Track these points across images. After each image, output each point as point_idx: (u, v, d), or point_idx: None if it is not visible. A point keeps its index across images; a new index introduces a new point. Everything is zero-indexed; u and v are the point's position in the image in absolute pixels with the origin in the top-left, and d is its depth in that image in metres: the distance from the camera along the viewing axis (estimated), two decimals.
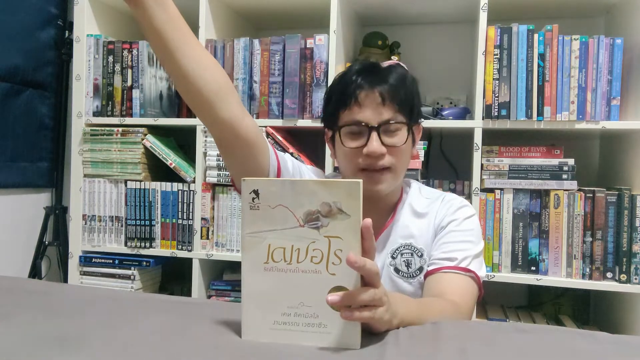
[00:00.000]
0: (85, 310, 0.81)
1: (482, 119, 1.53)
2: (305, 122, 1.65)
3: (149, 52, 1.78)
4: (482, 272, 1.04)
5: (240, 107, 0.92)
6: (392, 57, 1.79)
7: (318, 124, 1.64)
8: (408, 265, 1.05)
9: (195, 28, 1.72)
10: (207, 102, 0.88)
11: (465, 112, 1.67)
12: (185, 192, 1.73)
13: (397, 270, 1.06)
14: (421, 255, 1.05)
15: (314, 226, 0.64)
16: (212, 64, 0.88)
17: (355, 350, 0.64)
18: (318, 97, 1.62)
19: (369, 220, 0.64)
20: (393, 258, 1.06)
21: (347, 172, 1.05)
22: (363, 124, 0.99)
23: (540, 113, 1.51)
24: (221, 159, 1.67)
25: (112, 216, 1.80)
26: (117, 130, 1.77)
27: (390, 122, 0.99)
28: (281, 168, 1.01)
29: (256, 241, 0.66)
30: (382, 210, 1.08)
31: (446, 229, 1.05)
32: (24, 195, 2.00)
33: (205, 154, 1.70)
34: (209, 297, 1.76)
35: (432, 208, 1.09)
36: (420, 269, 1.05)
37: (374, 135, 0.98)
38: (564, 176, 1.51)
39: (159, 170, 1.82)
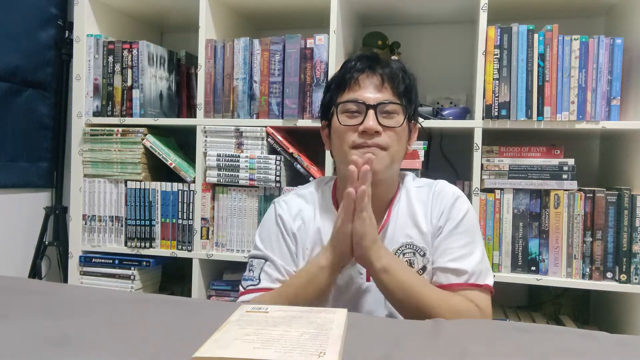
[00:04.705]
0: (86, 310, 0.81)
1: (482, 119, 1.53)
2: (305, 122, 1.65)
3: (148, 52, 1.78)
4: (490, 276, 1.05)
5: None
6: (392, 57, 1.79)
7: (318, 124, 1.62)
8: (411, 265, 1.05)
9: (195, 28, 1.72)
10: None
11: (465, 112, 1.67)
12: (185, 192, 1.73)
13: None
14: (424, 255, 1.05)
15: None
16: None
17: (356, 351, 0.64)
18: (318, 97, 1.62)
19: (362, 189, 0.68)
20: None
21: (340, 152, 1.04)
22: (361, 101, 1.00)
23: (540, 113, 1.51)
24: (221, 159, 1.67)
25: (112, 216, 1.80)
26: (117, 130, 1.77)
27: (388, 102, 1.01)
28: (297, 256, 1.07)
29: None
30: (377, 208, 1.05)
31: (445, 231, 1.04)
32: (23, 195, 2.00)
33: (205, 154, 1.70)
34: (209, 297, 1.75)
35: (424, 196, 1.08)
36: (424, 268, 1.04)
37: (371, 113, 0.99)
38: (564, 176, 1.51)
39: (159, 170, 1.82)
